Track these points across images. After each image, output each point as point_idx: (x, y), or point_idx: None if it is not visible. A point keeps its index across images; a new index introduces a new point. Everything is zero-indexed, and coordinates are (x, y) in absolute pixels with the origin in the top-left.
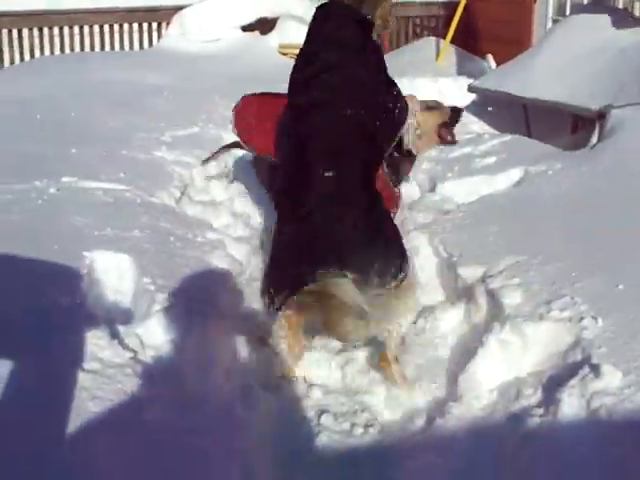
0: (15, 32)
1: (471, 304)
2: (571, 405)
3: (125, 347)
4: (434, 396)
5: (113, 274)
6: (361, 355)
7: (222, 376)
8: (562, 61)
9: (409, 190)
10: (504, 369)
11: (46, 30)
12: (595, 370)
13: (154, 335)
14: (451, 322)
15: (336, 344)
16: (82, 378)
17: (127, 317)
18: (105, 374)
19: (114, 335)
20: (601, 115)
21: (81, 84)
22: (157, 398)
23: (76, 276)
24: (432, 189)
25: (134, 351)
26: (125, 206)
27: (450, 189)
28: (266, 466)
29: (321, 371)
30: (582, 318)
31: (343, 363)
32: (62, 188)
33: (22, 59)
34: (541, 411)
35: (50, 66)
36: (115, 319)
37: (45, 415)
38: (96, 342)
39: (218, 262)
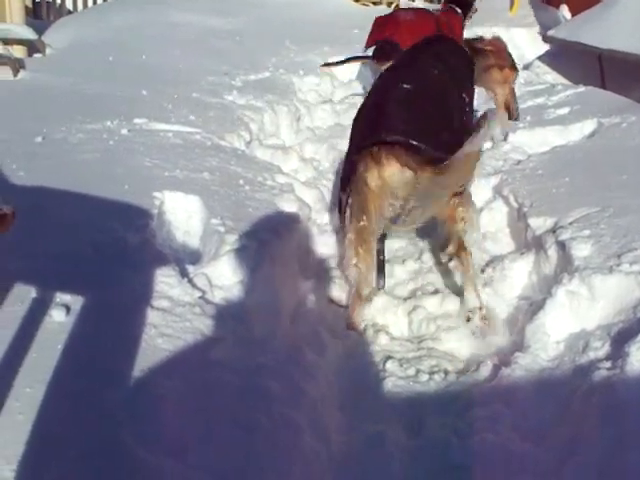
0: None
1: (540, 255)
2: (639, 359)
3: (194, 286)
4: (501, 345)
5: (182, 215)
6: (428, 303)
7: (289, 319)
8: (639, 12)
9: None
10: (572, 321)
11: None
12: None
13: (223, 276)
14: (520, 272)
15: (403, 291)
16: (151, 315)
17: (196, 257)
18: (174, 312)
19: (183, 274)
20: None
21: (153, 27)
22: (225, 338)
23: (146, 215)
24: (504, 138)
25: (203, 291)
26: (195, 148)
27: (522, 139)
28: (332, 410)
29: (388, 317)
30: None
31: (410, 310)
32: (133, 129)
33: (95, 2)
34: (608, 364)
35: (124, 8)
36: (184, 259)
37: (114, 351)
38: (165, 280)
39: (287, 206)
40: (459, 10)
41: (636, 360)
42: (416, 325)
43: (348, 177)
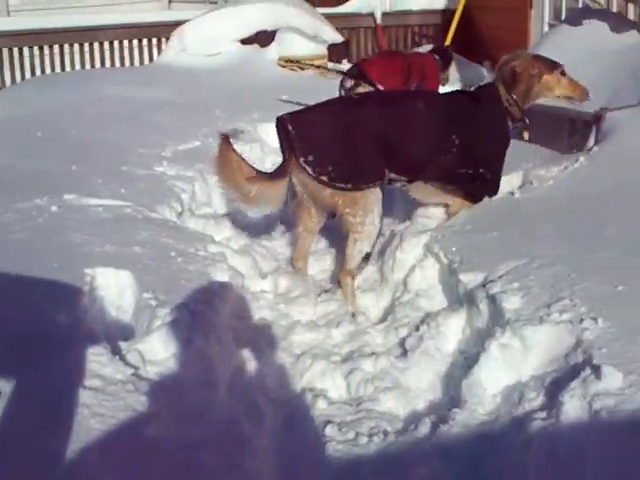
0: (16, 51)
1: (472, 309)
2: (573, 407)
3: (127, 363)
4: (439, 402)
5: (114, 290)
6: (365, 364)
7: (225, 391)
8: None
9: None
10: (506, 373)
11: (46, 48)
12: (596, 371)
13: (156, 350)
14: (453, 328)
15: (339, 354)
16: (83, 395)
17: (128, 333)
18: (106, 391)
19: (115, 351)
20: (597, 118)
21: (82, 101)
22: (159, 414)
23: (76, 293)
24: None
25: (135, 367)
26: (126, 222)
27: None
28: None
29: (326, 382)
30: (582, 320)
31: (347, 372)
32: (63, 205)
33: (23, 78)
34: (544, 414)
35: (51, 84)
36: (116, 335)
37: (46, 434)
38: (97, 359)
39: (219, 275)
40: (437, 57)
41: (571, 408)
42: (354, 387)
43: None
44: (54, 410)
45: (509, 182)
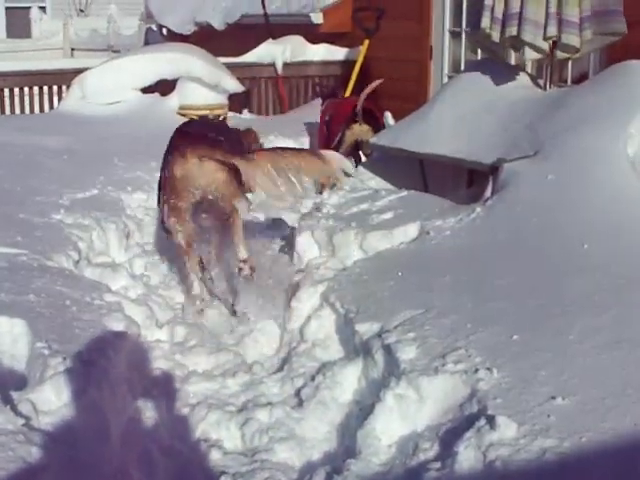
0: None
1: (368, 359)
2: (468, 457)
3: (17, 413)
4: (334, 452)
5: (7, 338)
6: (260, 414)
7: (118, 441)
8: (455, 116)
9: (306, 247)
10: (402, 424)
11: None
12: (491, 421)
13: (48, 401)
14: (349, 378)
15: (235, 404)
16: None
17: (22, 382)
18: None
19: (7, 401)
20: (494, 169)
21: None
22: (50, 465)
23: None
24: (329, 245)
25: (27, 417)
26: (20, 270)
27: (347, 245)
28: None
29: (220, 432)
30: (477, 370)
31: (242, 422)
32: None
33: None
34: (438, 465)
35: None
36: (8, 385)
37: None
38: None
39: (114, 325)
40: None
41: (464, 459)
42: (249, 437)
43: None
44: None
45: (405, 232)
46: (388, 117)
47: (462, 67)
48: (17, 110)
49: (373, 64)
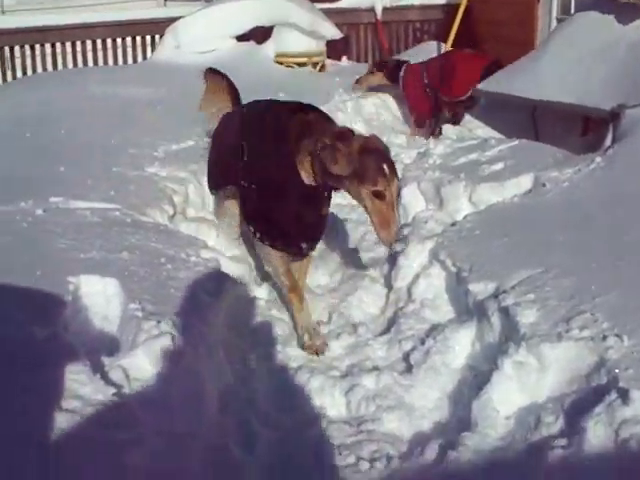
0: (7, 50)
1: (483, 322)
2: (597, 435)
3: (108, 382)
4: (446, 423)
5: (100, 299)
6: (366, 380)
7: (216, 411)
8: (570, 60)
9: (412, 199)
10: (521, 394)
11: (38, 47)
12: (623, 395)
13: (141, 367)
14: (462, 342)
15: (339, 369)
16: (60, 419)
17: (113, 347)
18: (84, 413)
19: (97, 369)
20: (614, 115)
21: (73, 100)
22: (142, 439)
23: (58, 304)
24: (437, 198)
25: (119, 385)
26: (114, 226)
27: (455, 198)
28: None
29: (323, 399)
30: (605, 337)
31: (347, 389)
32: (49, 209)
33: (14, 77)
34: (564, 442)
35: (42, 83)
36: (99, 350)
37: (21, 461)
38: (75, 377)
39: (212, 283)
40: None
41: (594, 436)
42: (354, 405)
43: None
44: (27, 435)
45: (518, 184)
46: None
47: (572, 9)
48: (110, 61)
49: (476, 8)
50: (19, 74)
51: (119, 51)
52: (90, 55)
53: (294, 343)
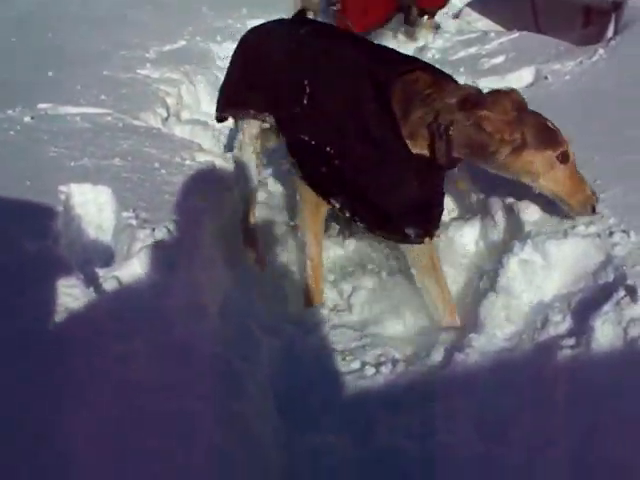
0: None
1: (487, 220)
2: (606, 334)
3: (101, 294)
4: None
5: (91, 208)
6: (369, 281)
7: (214, 321)
8: None
9: None
10: (528, 293)
11: None
12: (631, 292)
13: (136, 277)
14: (466, 240)
15: (342, 268)
16: (52, 336)
17: (108, 257)
18: (79, 327)
19: (90, 281)
20: (617, 5)
21: (57, 4)
22: (138, 351)
23: (49, 215)
24: None
25: (113, 298)
26: (105, 132)
27: None
28: (265, 424)
29: (326, 302)
30: (612, 233)
31: (350, 291)
32: (37, 116)
33: None
34: (572, 341)
35: None
36: (93, 261)
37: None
38: (68, 291)
39: (209, 186)
40: None
41: (602, 336)
42: (357, 309)
43: None
44: (18, 354)
45: (519, 77)
46: None
47: None
48: None
49: None
50: None
51: None
52: None
53: (293, 245)
